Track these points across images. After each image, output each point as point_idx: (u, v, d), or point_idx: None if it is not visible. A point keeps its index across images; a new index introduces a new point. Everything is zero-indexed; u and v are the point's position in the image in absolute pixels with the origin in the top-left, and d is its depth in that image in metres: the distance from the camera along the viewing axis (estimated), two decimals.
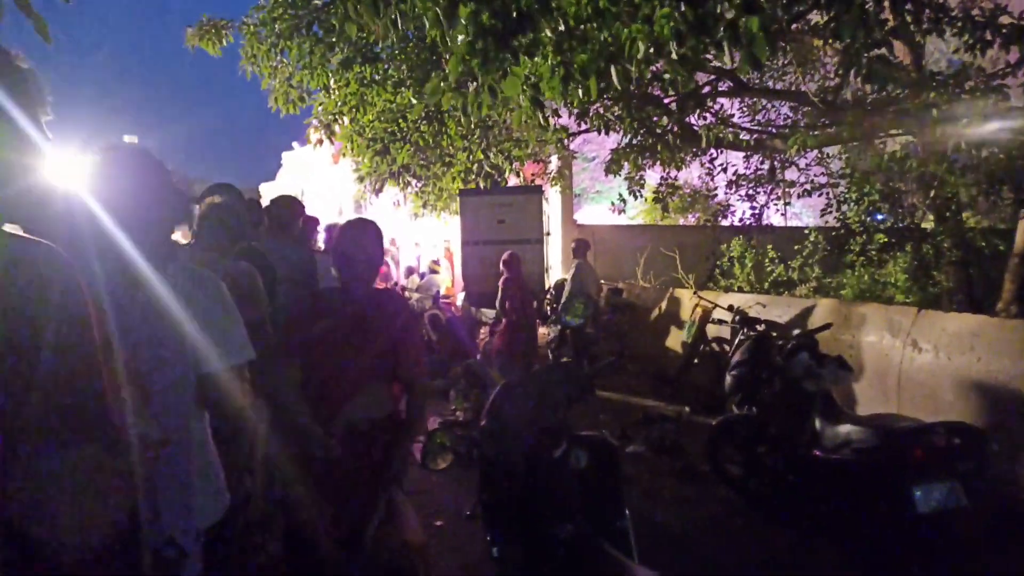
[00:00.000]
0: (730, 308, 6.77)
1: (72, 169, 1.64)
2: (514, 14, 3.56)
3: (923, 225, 9.26)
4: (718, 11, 3.31)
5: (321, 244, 5.98)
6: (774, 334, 5.39)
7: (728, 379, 4.57)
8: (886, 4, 4.84)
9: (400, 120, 8.50)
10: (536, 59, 4.31)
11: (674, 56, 3.60)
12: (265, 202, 5.10)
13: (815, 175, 10.41)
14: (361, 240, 2.57)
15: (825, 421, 3.67)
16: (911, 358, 4.85)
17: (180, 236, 3.11)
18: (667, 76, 5.94)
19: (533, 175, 12.26)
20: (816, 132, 7.14)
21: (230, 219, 2.96)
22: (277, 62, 8.43)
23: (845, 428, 3.56)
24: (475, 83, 4.65)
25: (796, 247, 10.35)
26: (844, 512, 3.42)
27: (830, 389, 3.86)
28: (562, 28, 4.10)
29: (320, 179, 20.47)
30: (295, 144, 23.94)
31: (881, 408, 4.76)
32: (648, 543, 2.69)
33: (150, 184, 1.71)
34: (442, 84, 5.36)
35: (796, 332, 4.37)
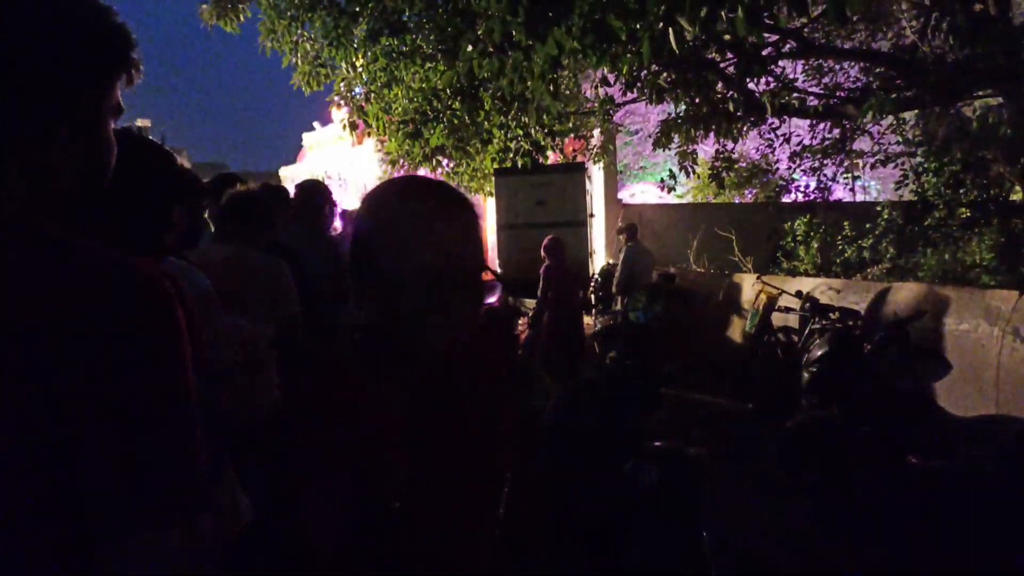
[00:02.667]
0: (798, 294, 6.52)
1: None
2: None
3: (1011, 198, 8.84)
4: None
5: (338, 227, 5.90)
6: (851, 324, 5.15)
7: (805, 375, 4.35)
8: None
9: (433, 99, 8.36)
10: (577, 21, 4.12)
11: (740, 14, 3.39)
12: (287, 186, 4.99)
13: (889, 144, 10.00)
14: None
15: (922, 424, 3.45)
16: (1012, 349, 4.57)
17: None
18: (727, 37, 5.70)
19: (574, 151, 12.01)
20: (893, 96, 6.78)
21: (256, 208, 2.84)
22: (298, 36, 8.36)
23: (946, 432, 3.34)
24: (514, 50, 4.48)
25: (868, 225, 9.99)
26: (950, 530, 3.20)
27: (927, 387, 3.63)
28: None
29: (342, 160, 20.49)
30: (316, 124, 23.99)
31: (977, 406, 4.50)
32: (717, 563, 2.52)
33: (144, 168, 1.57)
34: (475, 49, 5.20)
35: (888, 322, 4.13)
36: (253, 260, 2.66)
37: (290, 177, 22.53)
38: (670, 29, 3.49)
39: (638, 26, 3.92)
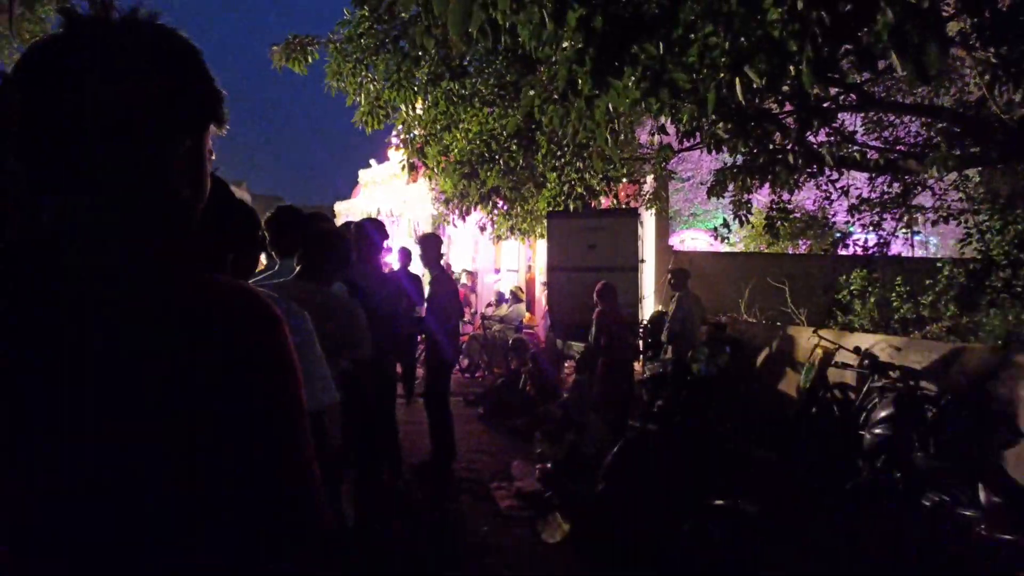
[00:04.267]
0: (856, 350, 6.35)
1: None
2: (629, 18, 3.40)
3: None
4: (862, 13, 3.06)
5: (396, 265, 6.06)
6: (913, 384, 4.98)
7: (867, 437, 4.21)
8: None
9: (491, 141, 8.50)
10: (638, 70, 4.15)
11: (804, 67, 3.37)
12: (340, 221, 5.14)
13: (951, 200, 9.78)
14: None
15: (992, 494, 3.30)
16: None
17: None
18: (786, 88, 5.67)
19: (627, 196, 12.00)
20: (957, 152, 6.64)
21: (339, 246, 2.86)
22: (363, 78, 8.61)
23: (1018, 503, 3.18)
24: (577, 97, 4.52)
25: (927, 281, 9.71)
26: None
27: (998, 455, 3.47)
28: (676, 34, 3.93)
29: (395, 198, 20.83)
30: (372, 162, 24.49)
31: None
32: None
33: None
34: (535, 94, 5.26)
35: (952, 385, 3.99)
36: (333, 299, 2.69)
37: (345, 212, 22.97)
38: (737, 80, 3.48)
39: (701, 76, 3.92)
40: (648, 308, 12.15)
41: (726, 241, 10.43)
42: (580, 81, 3.85)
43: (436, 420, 6.02)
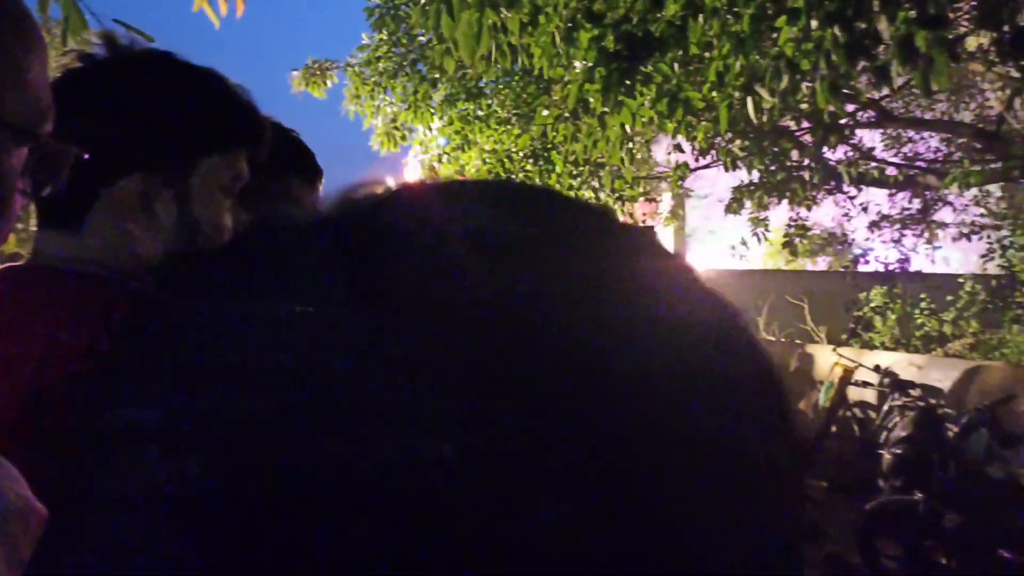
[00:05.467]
0: (877, 369, 6.27)
1: None
2: (641, 37, 3.42)
3: None
4: (878, 30, 3.06)
5: None
6: (934, 403, 4.90)
7: (887, 457, 4.14)
8: None
9: (506, 160, 8.54)
10: (651, 89, 4.18)
11: (819, 85, 3.37)
12: None
13: (973, 216, 9.67)
14: None
15: (1016, 516, 3.23)
16: None
17: None
18: (804, 106, 5.67)
19: (644, 214, 11.98)
20: (978, 168, 6.59)
21: None
22: (380, 101, 8.71)
23: None
24: (588, 116, 4.55)
25: (949, 298, 9.58)
26: None
27: (1020, 475, 3.40)
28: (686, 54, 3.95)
29: None
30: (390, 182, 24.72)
31: None
32: None
33: None
34: (549, 113, 5.29)
35: (972, 404, 3.92)
36: None
37: None
38: (748, 99, 3.49)
39: (715, 95, 3.93)
40: None
41: (743, 258, 10.36)
42: (592, 100, 3.87)
43: None
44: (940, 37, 2.57)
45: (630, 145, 5.42)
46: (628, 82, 3.68)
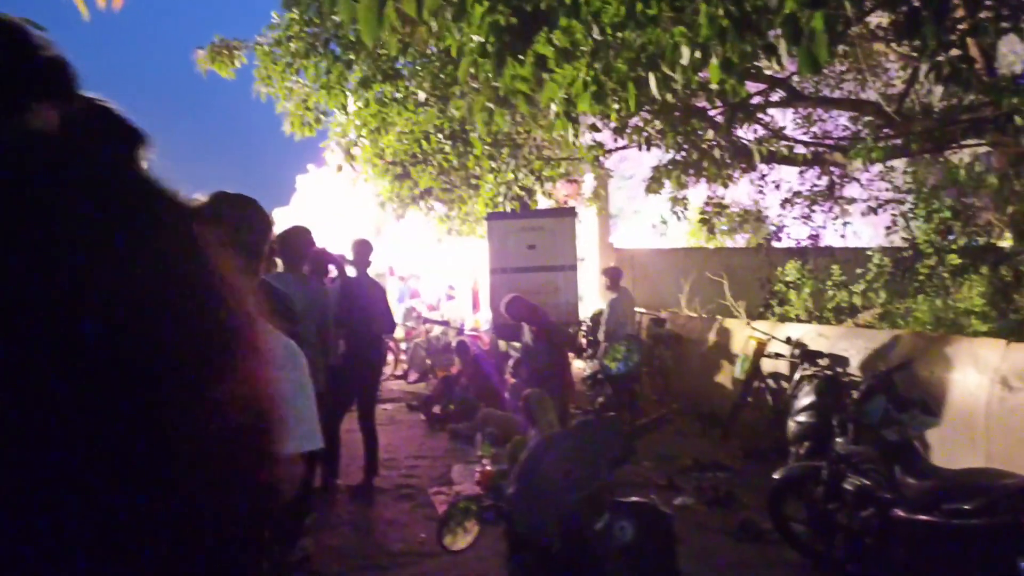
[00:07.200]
0: (788, 340, 6.48)
1: None
2: (531, 11, 3.40)
3: (1000, 244, 8.85)
4: (768, 5, 3.12)
5: (333, 273, 5.89)
6: (840, 371, 5.10)
7: (792, 425, 4.29)
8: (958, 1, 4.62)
9: (423, 141, 8.44)
10: (567, 68, 4.17)
11: (715, 61, 3.42)
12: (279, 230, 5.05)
13: (878, 191, 10.08)
14: None
15: (908, 475, 3.38)
16: (1001, 399, 4.52)
17: None
18: (713, 86, 5.77)
19: (567, 196, 12.08)
20: (882, 144, 6.84)
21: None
22: (292, 82, 8.46)
23: (933, 484, 3.27)
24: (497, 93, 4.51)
25: (859, 270, 9.98)
26: None
27: (913, 438, 3.57)
28: (597, 36, 3.95)
29: (338, 203, 20.58)
30: (310, 167, 24.11)
31: (966, 457, 4.42)
32: None
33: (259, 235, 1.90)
34: (468, 101, 5.24)
35: (872, 371, 4.09)
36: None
37: (283, 219, 22.55)
38: (651, 75, 3.52)
39: (621, 73, 3.95)
40: (589, 305, 12.23)
41: (666, 236, 10.56)
42: (489, 73, 3.82)
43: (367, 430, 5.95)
44: (823, 15, 2.64)
45: (543, 123, 5.42)
46: (524, 55, 3.66)
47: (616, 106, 4.75)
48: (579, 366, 10.66)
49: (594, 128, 6.91)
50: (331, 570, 4.49)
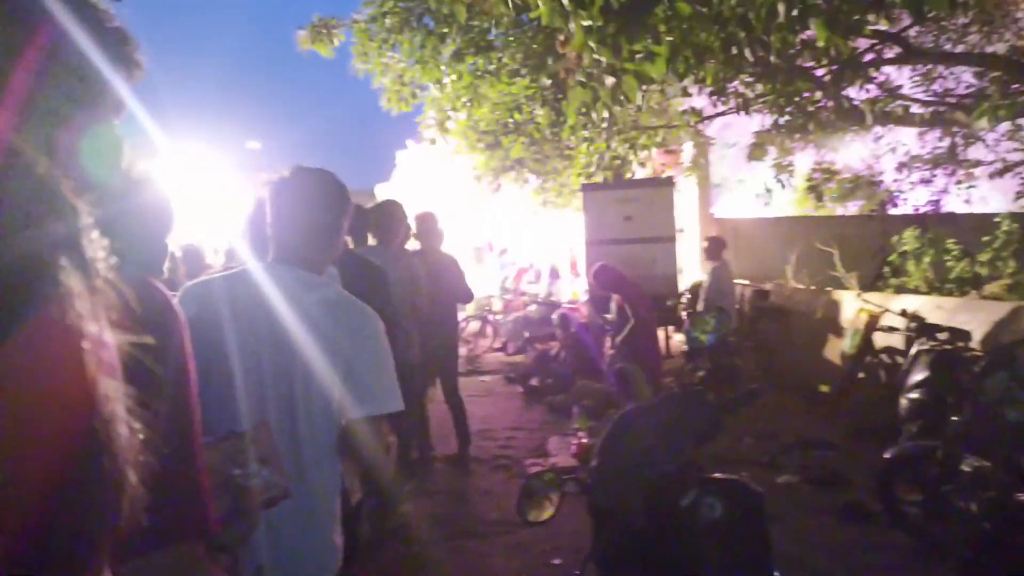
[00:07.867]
0: (903, 313, 6.12)
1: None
2: None
3: None
4: None
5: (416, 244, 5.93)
6: (961, 345, 4.77)
7: (903, 402, 4.04)
8: None
9: (515, 111, 8.40)
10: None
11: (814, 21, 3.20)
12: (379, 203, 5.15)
13: (1006, 152, 9.30)
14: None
15: None
16: None
17: None
18: (819, 44, 5.44)
19: (664, 165, 11.78)
20: (1009, 101, 6.29)
21: None
22: (388, 58, 8.58)
23: None
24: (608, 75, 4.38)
25: (985, 238, 9.28)
26: None
27: None
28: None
29: (435, 178, 20.87)
30: (409, 142, 24.49)
31: None
32: None
33: (335, 209, 1.87)
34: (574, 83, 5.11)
35: (994, 345, 3.79)
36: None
37: (384, 194, 23.07)
38: (743, 35, 3.34)
39: (711, 36, 3.77)
40: (689, 278, 11.94)
41: (769, 206, 10.14)
42: (604, 58, 3.72)
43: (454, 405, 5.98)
44: None
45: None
46: (640, 38, 3.54)
47: (699, 73, 4.54)
48: (679, 339, 10.44)
49: (685, 93, 6.66)
50: (429, 536, 4.61)
